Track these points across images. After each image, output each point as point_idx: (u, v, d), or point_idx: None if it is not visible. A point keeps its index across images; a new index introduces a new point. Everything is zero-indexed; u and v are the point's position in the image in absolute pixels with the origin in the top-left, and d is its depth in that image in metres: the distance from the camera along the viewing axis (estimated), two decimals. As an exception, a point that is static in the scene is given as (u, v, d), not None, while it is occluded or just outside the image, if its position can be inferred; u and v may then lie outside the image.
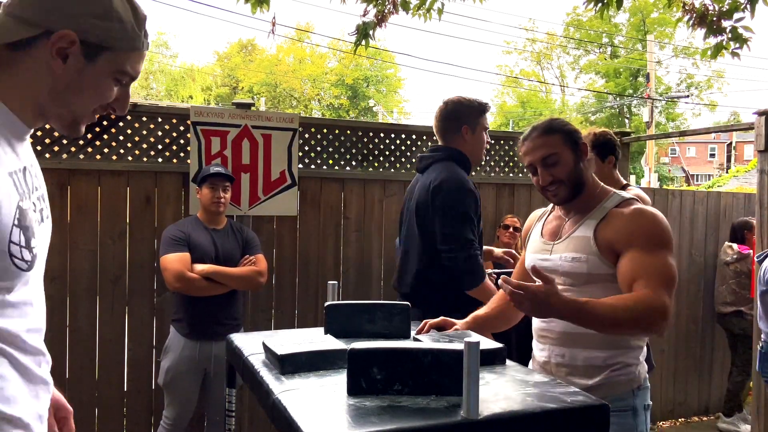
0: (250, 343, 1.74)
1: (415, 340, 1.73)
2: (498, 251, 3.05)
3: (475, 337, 1.66)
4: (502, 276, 1.60)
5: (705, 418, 4.84)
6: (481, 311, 2.04)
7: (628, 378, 1.77)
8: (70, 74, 1.01)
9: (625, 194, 1.83)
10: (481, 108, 2.62)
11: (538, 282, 1.56)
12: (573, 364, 1.79)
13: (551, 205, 1.98)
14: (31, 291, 1.04)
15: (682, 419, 4.77)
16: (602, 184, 1.89)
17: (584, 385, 1.73)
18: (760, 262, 3.39)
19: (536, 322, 1.91)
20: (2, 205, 0.93)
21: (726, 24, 3.31)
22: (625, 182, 2.99)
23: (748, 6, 3.18)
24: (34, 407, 1.07)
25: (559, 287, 1.77)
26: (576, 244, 1.77)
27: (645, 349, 1.87)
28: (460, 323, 1.92)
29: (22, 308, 1.02)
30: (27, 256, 0.99)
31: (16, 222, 0.95)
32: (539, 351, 1.90)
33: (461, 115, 2.59)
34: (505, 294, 1.58)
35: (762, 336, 3.36)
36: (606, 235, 1.72)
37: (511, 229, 3.87)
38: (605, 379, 1.75)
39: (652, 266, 1.62)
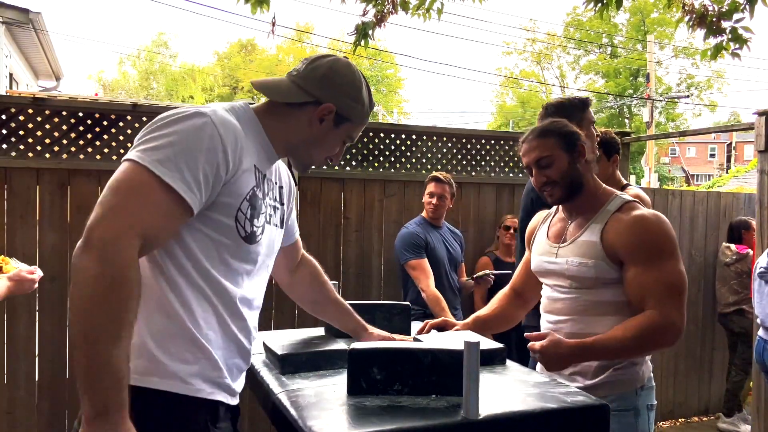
0: (250, 343, 1.73)
1: (416, 340, 1.73)
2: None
3: (475, 337, 1.66)
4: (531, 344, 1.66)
5: (705, 418, 4.84)
6: (482, 312, 2.04)
7: (631, 377, 1.77)
8: (321, 133, 1.39)
9: (626, 196, 1.84)
10: (582, 104, 2.53)
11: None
12: (577, 365, 1.79)
13: (554, 207, 1.99)
14: (248, 266, 1.31)
15: (682, 419, 4.77)
16: (604, 185, 1.89)
17: (587, 384, 1.74)
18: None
19: (544, 324, 1.92)
20: (242, 181, 1.25)
21: (726, 25, 3.30)
22: (625, 182, 2.98)
23: (747, 7, 3.18)
24: (226, 356, 1.27)
25: (567, 290, 1.79)
26: (582, 248, 1.78)
27: None
28: (460, 324, 1.93)
29: (237, 277, 1.29)
30: (248, 228, 1.27)
31: (247, 198, 1.26)
32: None
33: (563, 116, 2.40)
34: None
35: (762, 332, 3.35)
36: (610, 241, 1.73)
37: (511, 230, 3.85)
38: (607, 377, 1.76)
39: (657, 282, 1.65)
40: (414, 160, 3.95)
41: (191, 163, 1.16)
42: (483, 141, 4.15)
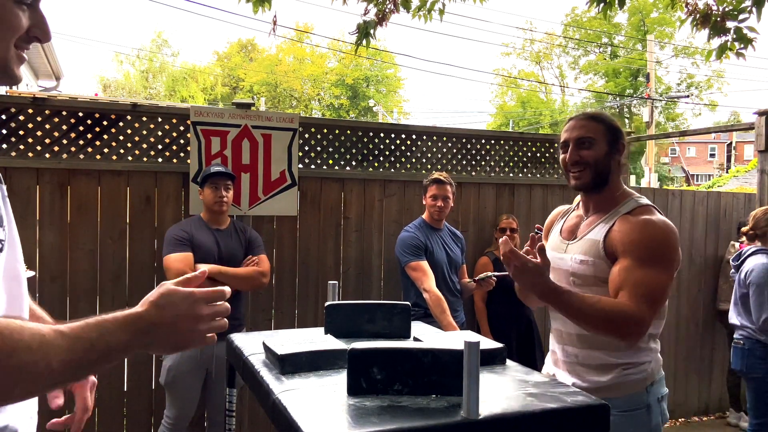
0: (250, 343, 1.73)
1: (416, 339, 1.73)
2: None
3: (475, 337, 1.66)
4: (503, 238, 1.64)
5: (705, 418, 4.84)
6: None
7: (641, 376, 1.77)
8: None
9: (643, 201, 1.83)
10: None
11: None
12: (586, 363, 1.81)
13: (575, 203, 2.01)
14: None
15: (682, 419, 4.77)
16: (625, 188, 1.90)
17: (597, 383, 1.75)
18: (736, 264, 3.43)
19: (553, 323, 1.95)
20: None
21: (730, 24, 3.28)
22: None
23: (753, 9, 3.14)
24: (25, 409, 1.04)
25: (568, 286, 1.79)
26: (586, 246, 1.80)
27: (659, 344, 1.85)
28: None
29: None
30: None
31: None
32: (555, 349, 1.93)
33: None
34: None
35: (739, 332, 3.38)
36: (612, 241, 1.74)
37: (507, 232, 3.84)
38: (618, 377, 1.76)
39: (640, 279, 1.64)
40: (414, 160, 3.95)
41: None
42: (483, 141, 4.15)
